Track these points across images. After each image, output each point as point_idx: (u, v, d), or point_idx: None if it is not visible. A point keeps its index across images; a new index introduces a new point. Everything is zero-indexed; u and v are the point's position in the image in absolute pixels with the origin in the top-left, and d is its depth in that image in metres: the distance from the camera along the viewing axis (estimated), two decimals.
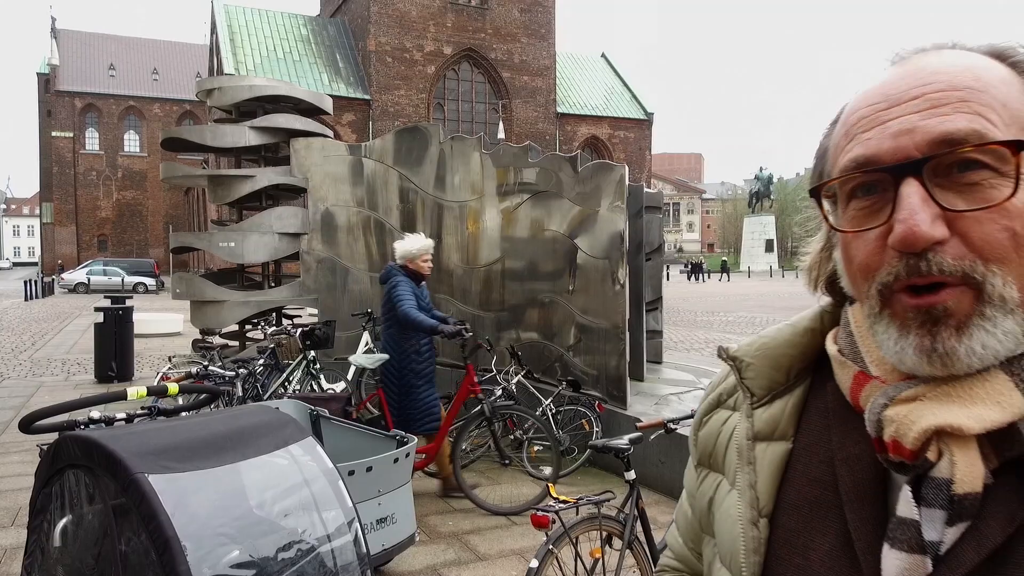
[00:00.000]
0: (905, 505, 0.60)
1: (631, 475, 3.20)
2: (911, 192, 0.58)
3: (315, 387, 6.90)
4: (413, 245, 5.47)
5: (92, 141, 58.84)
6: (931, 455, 0.59)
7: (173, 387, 2.82)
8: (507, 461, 5.50)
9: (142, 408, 2.88)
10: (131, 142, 60.07)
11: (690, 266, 51.70)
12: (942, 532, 0.59)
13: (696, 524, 0.85)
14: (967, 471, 0.58)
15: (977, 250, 0.58)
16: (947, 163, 0.59)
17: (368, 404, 6.59)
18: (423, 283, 5.59)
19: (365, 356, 5.21)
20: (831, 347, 0.72)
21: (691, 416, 3.48)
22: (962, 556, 0.58)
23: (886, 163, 0.61)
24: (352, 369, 7.93)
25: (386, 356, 5.36)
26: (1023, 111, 0.61)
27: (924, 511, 0.59)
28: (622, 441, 3.09)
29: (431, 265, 5.57)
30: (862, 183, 0.63)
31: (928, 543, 0.59)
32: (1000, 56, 0.64)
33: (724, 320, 20.70)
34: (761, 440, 0.74)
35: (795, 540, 0.69)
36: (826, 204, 0.68)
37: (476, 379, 5.57)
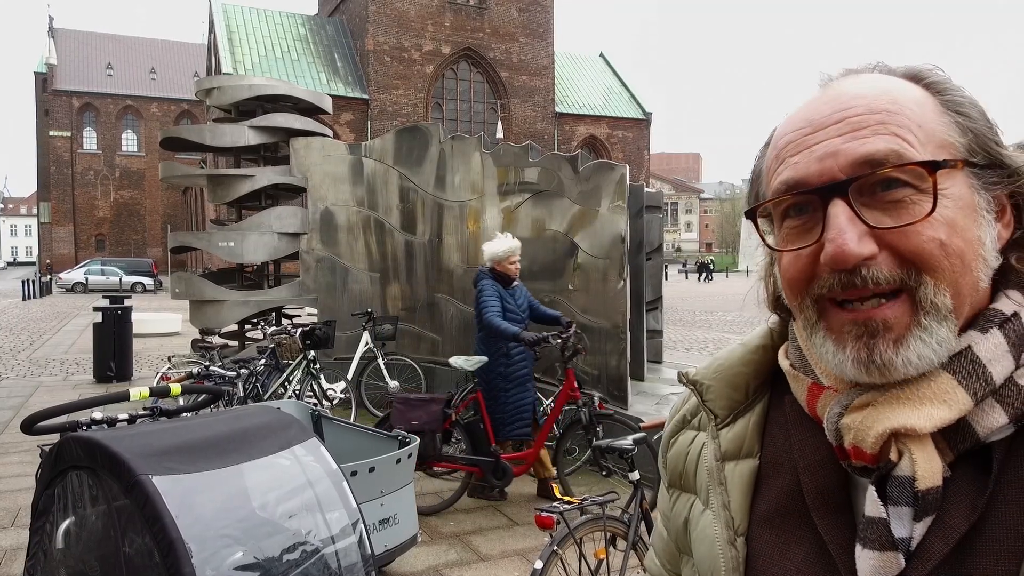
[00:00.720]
0: (872, 505, 0.62)
1: (635, 476, 3.19)
2: (838, 212, 0.62)
3: (315, 387, 6.89)
4: (499, 247, 5.35)
5: (90, 140, 58.74)
6: (892, 456, 0.62)
7: (176, 388, 2.80)
8: (605, 472, 4.97)
9: (144, 409, 2.86)
10: (129, 142, 59.97)
11: (697, 265, 51.69)
12: (911, 528, 0.61)
13: (672, 545, 0.86)
14: (927, 467, 0.61)
15: (908, 262, 0.61)
16: (871, 183, 0.62)
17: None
18: (516, 283, 5.46)
19: (464, 359, 5.19)
20: (783, 362, 0.74)
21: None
22: (931, 548, 0.60)
23: (813, 185, 0.64)
24: (352, 369, 7.93)
25: (485, 359, 5.23)
26: (937, 130, 0.64)
27: (891, 509, 0.61)
28: (626, 442, 3.08)
29: (519, 267, 5.44)
30: (793, 204, 0.66)
31: (898, 539, 0.61)
32: (916, 78, 0.67)
33: (723, 320, 20.71)
34: (729, 460, 0.76)
35: (772, 553, 0.70)
36: (764, 224, 0.72)
37: (576, 384, 5.32)
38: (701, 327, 18.64)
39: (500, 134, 34.33)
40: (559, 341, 5.15)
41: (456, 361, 5.22)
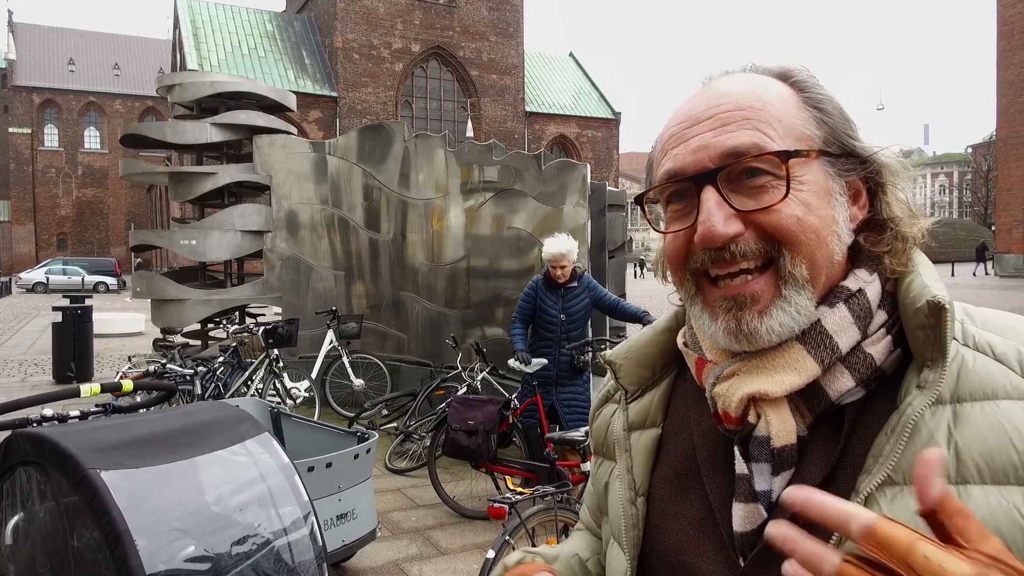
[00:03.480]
0: (738, 463, 0.71)
1: (587, 467, 3.25)
2: (708, 197, 0.70)
3: (278, 386, 6.87)
4: (546, 250, 5.26)
5: (51, 138, 57.48)
6: (751, 419, 0.70)
7: (127, 383, 2.80)
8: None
9: (96, 405, 2.85)
10: (92, 139, 58.79)
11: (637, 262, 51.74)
12: (770, 482, 0.69)
13: (595, 504, 0.96)
14: (780, 428, 0.69)
15: (770, 237, 0.69)
16: (737, 171, 0.70)
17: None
18: (574, 284, 5.32)
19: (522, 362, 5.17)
20: (679, 341, 0.83)
21: None
22: None
23: (689, 174, 0.72)
24: (316, 367, 7.90)
25: (544, 361, 5.19)
26: (795, 124, 0.71)
27: (753, 466, 0.70)
28: (578, 433, 3.14)
29: (561, 273, 5.24)
30: (675, 191, 0.74)
31: (760, 492, 0.69)
32: (784, 77, 0.75)
33: None
34: (635, 429, 0.85)
35: (668, 511, 0.78)
36: (657, 209, 0.79)
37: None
38: None
39: (470, 133, 34.29)
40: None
41: (515, 363, 5.18)
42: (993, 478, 0.61)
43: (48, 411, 2.65)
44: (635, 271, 47.98)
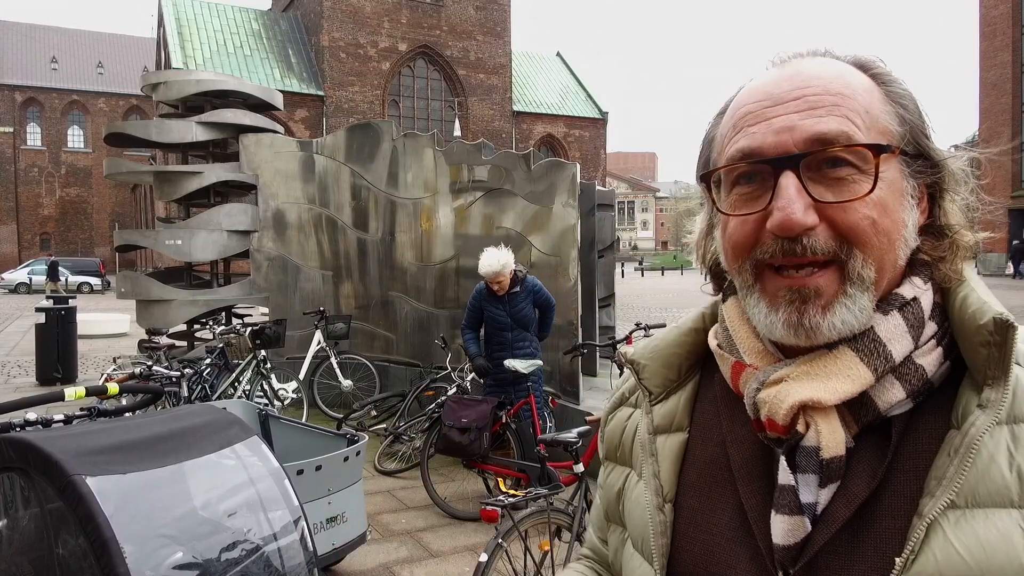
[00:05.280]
0: (783, 473, 0.68)
1: (579, 468, 3.23)
2: (788, 184, 0.66)
3: (266, 387, 6.80)
4: (481, 268, 5.40)
5: (34, 136, 56.82)
6: (800, 428, 0.67)
7: (113, 387, 2.76)
8: None
9: (81, 409, 2.80)
10: (75, 138, 58.17)
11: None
12: (817, 494, 0.66)
13: (603, 513, 0.92)
14: (831, 438, 0.66)
15: (843, 235, 0.66)
16: (819, 160, 0.66)
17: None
18: (514, 291, 5.46)
19: (520, 362, 5.22)
20: (712, 342, 0.79)
21: None
22: (835, 513, 0.65)
23: (768, 156, 0.67)
24: (304, 368, 7.85)
25: (539, 362, 5.38)
26: (880, 117, 0.68)
27: (800, 477, 0.67)
28: (570, 435, 3.12)
29: (499, 287, 5.43)
30: (745, 172, 0.70)
31: (805, 505, 0.66)
32: (863, 67, 0.71)
33: (678, 316, 20.95)
34: (661, 433, 0.82)
35: (698, 519, 0.75)
36: (712, 189, 0.75)
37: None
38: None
39: (458, 132, 34.22)
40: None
41: (511, 364, 5.24)
42: None
43: (32, 415, 2.60)
44: (636, 271, 48.08)
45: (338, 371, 7.80)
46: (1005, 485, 0.60)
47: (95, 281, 37.11)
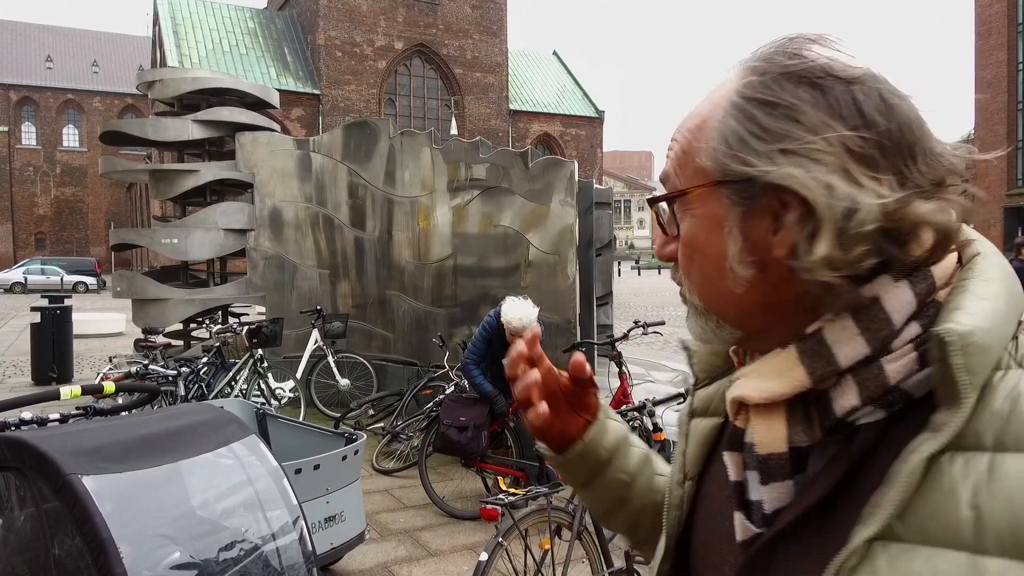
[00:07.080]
0: (730, 469, 0.69)
1: None
2: (653, 219, 0.74)
3: (263, 386, 6.78)
4: (507, 321, 4.93)
5: (29, 136, 56.63)
6: (740, 423, 0.68)
7: (109, 385, 2.74)
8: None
9: (77, 408, 2.78)
10: (70, 137, 57.98)
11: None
12: (760, 491, 0.65)
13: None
14: (765, 435, 0.65)
15: (678, 265, 0.72)
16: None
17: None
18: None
19: None
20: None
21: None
22: (782, 516, 0.64)
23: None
24: (301, 367, 7.83)
25: None
26: (700, 151, 0.65)
27: (748, 473, 0.67)
28: None
29: (512, 338, 4.97)
30: None
31: (752, 502, 0.66)
32: (762, 72, 0.63)
33: (674, 315, 20.99)
34: (697, 416, 0.84)
35: (714, 507, 0.76)
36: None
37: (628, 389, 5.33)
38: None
39: (454, 131, 34.18)
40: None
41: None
42: (1019, 552, 0.50)
43: (27, 414, 2.58)
44: (632, 269, 48.15)
45: (335, 370, 7.78)
46: (958, 523, 0.53)
47: (91, 280, 37.02)
